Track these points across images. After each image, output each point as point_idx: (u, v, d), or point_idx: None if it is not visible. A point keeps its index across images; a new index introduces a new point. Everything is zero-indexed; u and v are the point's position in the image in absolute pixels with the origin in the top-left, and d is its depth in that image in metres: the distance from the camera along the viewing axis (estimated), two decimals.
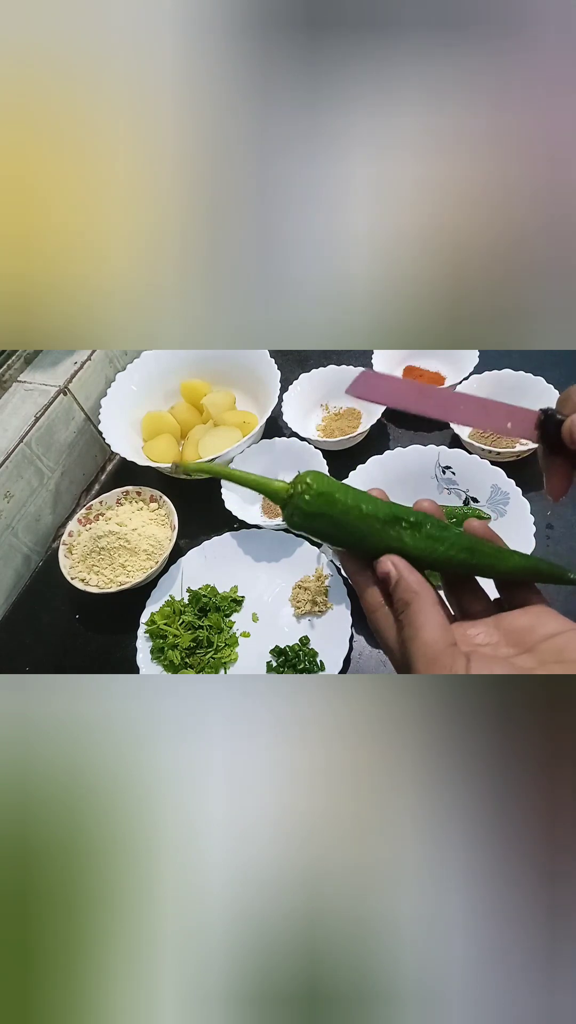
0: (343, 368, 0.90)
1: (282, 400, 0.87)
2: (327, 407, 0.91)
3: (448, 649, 0.26)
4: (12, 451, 0.78)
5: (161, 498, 0.81)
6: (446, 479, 0.76)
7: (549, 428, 0.30)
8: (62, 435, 0.86)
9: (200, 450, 0.83)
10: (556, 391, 0.77)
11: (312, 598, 0.71)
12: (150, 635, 0.72)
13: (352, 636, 0.68)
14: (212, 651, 0.70)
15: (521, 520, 0.68)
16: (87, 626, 0.78)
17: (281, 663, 0.68)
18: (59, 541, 0.81)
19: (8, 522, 0.79)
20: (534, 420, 0.31)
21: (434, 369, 0.90)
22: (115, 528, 0.76)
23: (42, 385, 0.85)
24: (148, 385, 0.92)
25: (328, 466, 0.78)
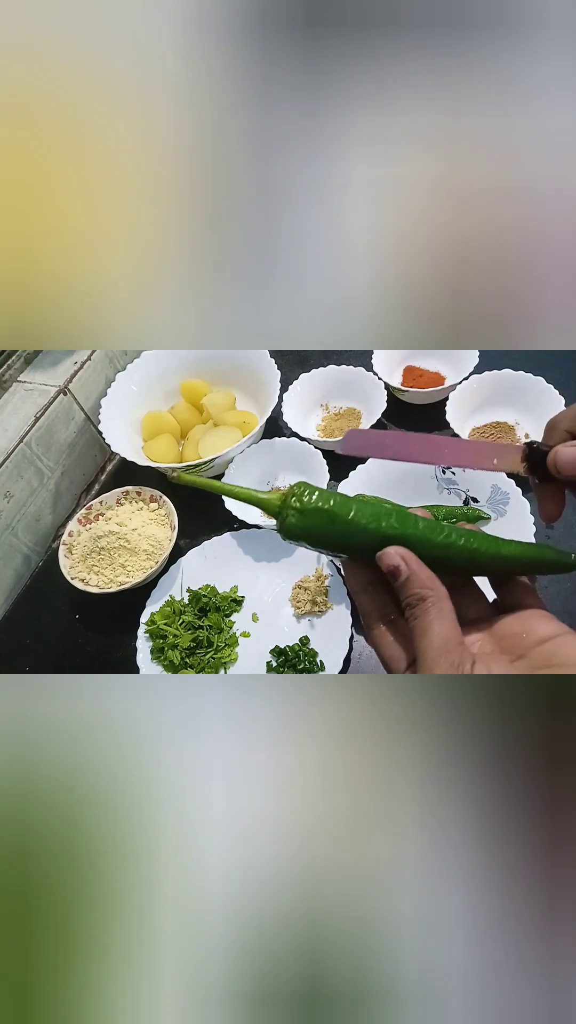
0: (343, 368, 0.90)
1: (282, 400, 0.86)
2: (327, 407, 0.91)
3: (458, 647, 0.26)
4: (12, 451, 0.78)
5: (161, 498, 0.81)
6: (446, 479, 0.76)
7: (535, 459, 0.31)
8: (62, 435, 0.86)
9: (200, 450, 0.83)
10: (556, 391, 0.77)
11: (312, 598, 0.71)
12: (150, 635, 0.72)
13: (352, 636, 0.67)
14: (212, 651, 0.70)
15: (521, 520, 0.68)
16: (87, 626, 0.78)
17: (281, 663, 0.68)
18: (59, 541, 0.81)
19: (8, 522, 0.79)
20: (520, 454, 0.32)
21: (434, 369, 0.90)
22: (115, 528, 0.76)
23: (42, 385, 0.85)
24: (148, 385, 0.92)
25: (328, 466, 0.78)
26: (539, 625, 0.29)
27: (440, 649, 0.26)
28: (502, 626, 0.30)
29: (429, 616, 0.27)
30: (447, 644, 0.26)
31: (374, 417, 0.83)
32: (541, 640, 0.28)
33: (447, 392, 0.82)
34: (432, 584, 0.28)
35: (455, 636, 0.27)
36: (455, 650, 0.26)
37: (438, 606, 0.27)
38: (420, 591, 0.27)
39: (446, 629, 0.27)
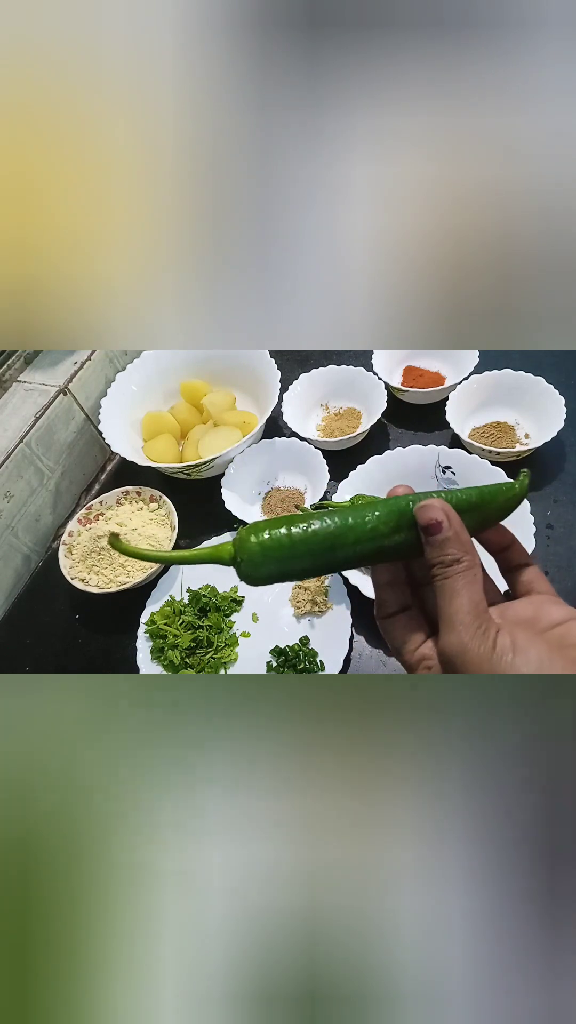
0: (343, 368, 0.90)
1: (282, 400, 0.86)
2: (327, 407, 0.91)
3: (486, 614, 0.26)
4: (12, 451, 0.78)
5: (161, 498, 0.81)
6: (446, 479, 0.76)
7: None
8: (62, 435, 0.86)
9: (200, 450, 0.83)
10: (556, 391, 0.77)
11: (312, 598, 0.71)
12: (150, 635, 0.72)
13: (352, 636, 0.67)
14: (212, 651, 0.70)
15: (521, 520, 0.68)
16: (87, 626, 0.78)
17: (281, 663, 0.68)
18: (59, 541, 0.80)
19: (8, 522, 0.79)
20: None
21: (434, 369, 0.90)
22: (115, 528, 0.76)
23: (42, 385, 0.85)
24: (148, 385, 0.92)
25: (328, 466, 0.78)
26: (551, 610, 0.29)
27: (470, 612, 0.26)
28: (514, 610, 0.30)
29: (463, 579, 0.26)
30: (476, 608, 0.26)
31: (374, 417, 0.83)
32: (553, 624, 0.28)
33: (447, 392, 0.82)
34: (470, 548, 0.27)
35: (483, 603, 0.26)
36: (483, 615, 0.26)
37: (473, 571, 0.27)
38: (458, 553, 0.27)
39: (476, 594, 0.26)
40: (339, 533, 0.29)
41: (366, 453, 0.77)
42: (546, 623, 0.28)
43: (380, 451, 0.77)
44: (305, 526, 0.29)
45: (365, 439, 0.86)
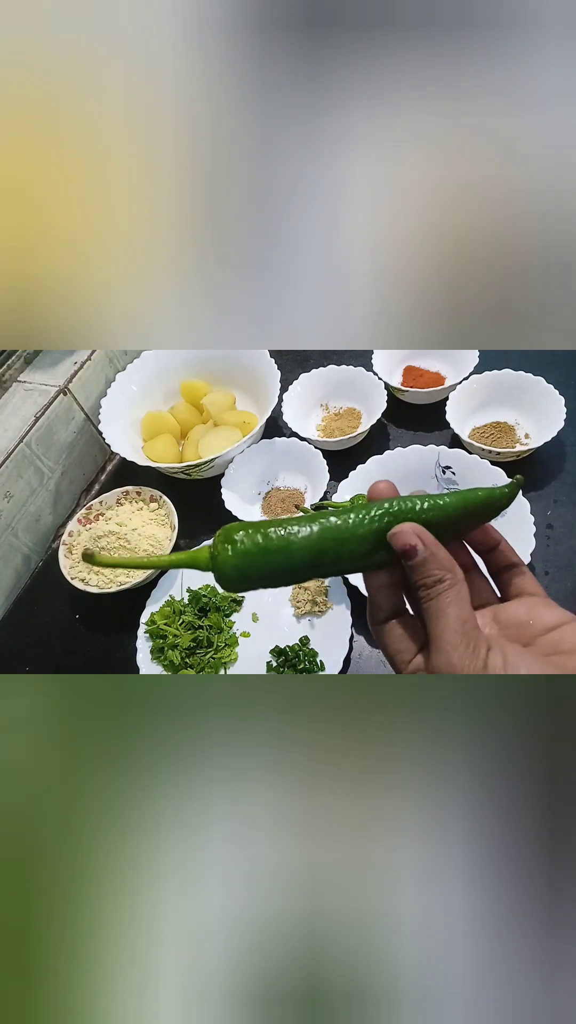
0: (343, 368, 0.90)
1: (282, 400, 0.86)
2: (327, 407, 0.91)
3: (475, 631, 0.26)
4: (12, 451, 0.78)
5: (161, 498, 0.81)
6: (446, 479, 0.76)
7: None
8: (62, 435, 0.86)
9: (200, 450, 0.83)
10: (556, 391, 0.77)
11: (312, 598, 0.71)
12: (150, 635, 0.72)
13: (352, 636, 0.68)
14: (212, 651, 0.70)
15: (521, 520, 0.68)
16: (87, 626, 0.78)
17: (281, 663, 0.68)
18: (59, 541, 0.80)
19: (8, 522, 0.79)
20: None
21: (434, 369, 0.90)
22: (115, 528, 0.76)
23: (42, 385, 0.85)
24: (148, 385, 0.92)
25: (328, 466, 0.78)
26: (545, 613, 0.28)
27: (457, 631, 0.26)
28: (507, 613, 0.29)
29: (447, 598, 0.26)
30: (464, 627, 0.26)
31: (374, 417, 0.83)
32: (548, 628, 0.28)
33: (447, 392, 0.82)
34: (450, 565, 0.27)
35: (471, 619, 0.26)
36: (472, 633, 0.26)
37: (456, 588, 0.26)
38: (438, 572, 0.27)
39: (463, 612, 0.26)
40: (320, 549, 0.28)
41: (366, 453, 0.77)
42: (540, 627, 0.28)
43: (380, 451, 0.77)
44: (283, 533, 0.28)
45: (365, 439, 0.86)
